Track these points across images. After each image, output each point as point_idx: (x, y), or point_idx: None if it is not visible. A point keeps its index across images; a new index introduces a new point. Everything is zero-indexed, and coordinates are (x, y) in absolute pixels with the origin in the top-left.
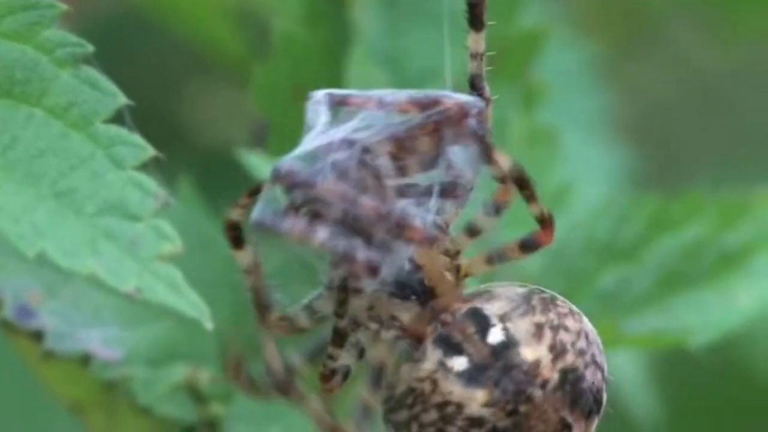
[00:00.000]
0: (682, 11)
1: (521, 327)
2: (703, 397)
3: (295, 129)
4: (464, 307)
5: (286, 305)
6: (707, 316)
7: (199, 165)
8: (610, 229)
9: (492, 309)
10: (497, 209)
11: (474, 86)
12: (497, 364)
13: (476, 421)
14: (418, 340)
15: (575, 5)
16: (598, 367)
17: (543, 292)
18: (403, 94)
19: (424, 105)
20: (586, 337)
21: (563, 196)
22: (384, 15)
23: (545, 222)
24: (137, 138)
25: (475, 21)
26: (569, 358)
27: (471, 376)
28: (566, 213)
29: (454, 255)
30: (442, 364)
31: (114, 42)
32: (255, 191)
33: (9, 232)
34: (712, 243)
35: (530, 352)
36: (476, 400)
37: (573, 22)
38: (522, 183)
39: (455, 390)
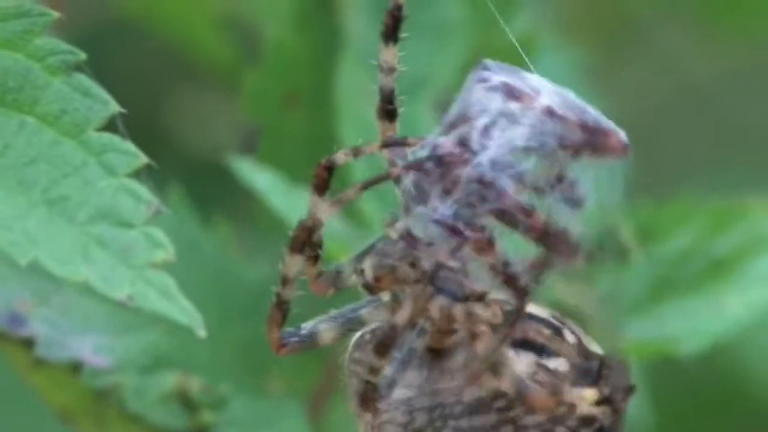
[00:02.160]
0: (670, 16)
1: (575, 329)
2: (693, 405)
3: (286, 135)
4: (497, 311)
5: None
6: (697, 323)
7: (189, 172)
8: (599, 237)
9: (536, 311)
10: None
11: (391, 101)
12: (593, 362)
13: (587, 421)
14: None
15: (562, 10)
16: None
17: None
18: (570, 113)
19: (590, 131)
20: None
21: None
22: (374, 21)
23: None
24: (129, 146)
25: (391, 34)
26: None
27: (575, 377)
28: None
29: None
30: (541, 366)
31: (102, 49)
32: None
33: (1, 239)
34: (702, 250)
35: (598, 349)
36: (586, 399)
37: (560, 26)
38: None
39: (564, 391)
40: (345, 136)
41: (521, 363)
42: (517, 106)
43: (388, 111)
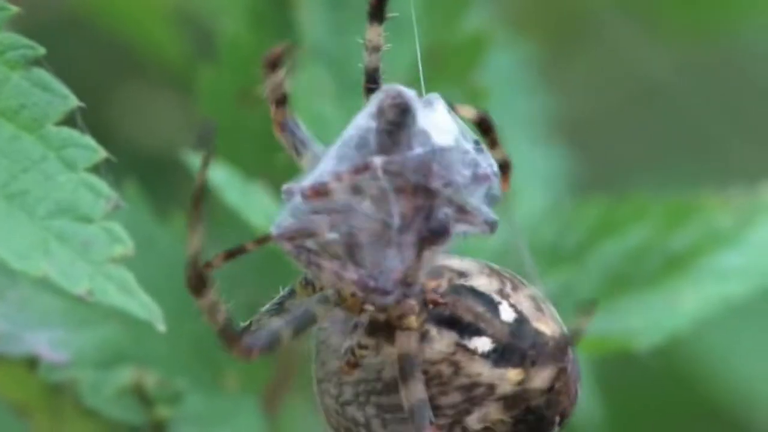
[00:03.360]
0: (621, 12)
1: (523, 302)
2: (647, 400)
3: (241, 131)
4: (443, 285)
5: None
6: (652, 318)
7: (140, 168)
8: (554, 233)
9: (481, 285)
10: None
11: (374, 80)
12: (524, 343)
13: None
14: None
15: (510, 5)
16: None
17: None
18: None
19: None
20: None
21: (506, 200)
22: (329, 17)
23: (505, 168)
24: (89, 140)
25: (376, 14)
26: (565, 328)
27: (499, 357)
28: (510, 217)
29: None
30: (461, 346)
31: (54, 45)
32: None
33: None
34: (657, 246)
35: (545, 327)
36: (509, 380)
37: (508, 22)
38: (487, 128)
39: (484, 372)
40: None
41: (441, 342)
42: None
43: (371, 90)
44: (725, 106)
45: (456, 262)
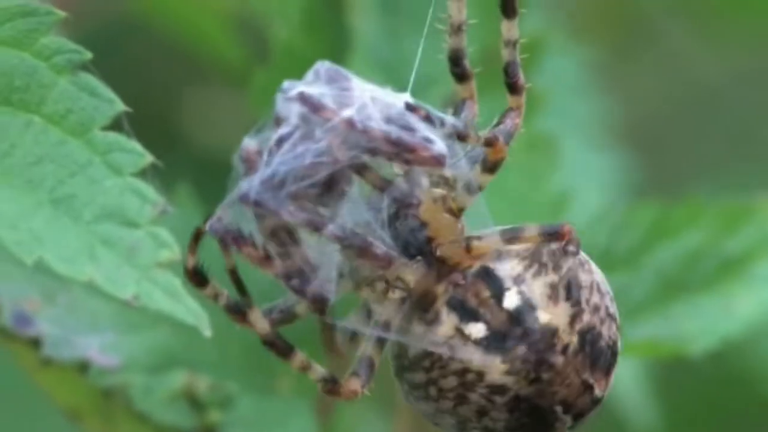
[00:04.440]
0: (681, 16)
1: (536, 289)
2: (703, 404)
3: None
4: (475, 265)
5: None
6: (707, 322)
7: (197, 171)
8: (609, 236)
9: (504, 270)
10: (493, 167)
11: (508, 74)
12: (516, 331)
13: (498, 389)
14: (429, 301)
15: (572, 10)
16: (612, 319)
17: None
18: (377, 130)
19: (395, 144)
20: (599, 289)
21: (562, 203)
22: (383, 22)
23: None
24: (135, 145)
25: (508, 8)
26: (585, 318)
27: (490, 344)
28: (565, 220)
29: (456, 212)
30: (458, 330)
31: (111, 48)
32: (197, 237)
33: (7, 239)
34: (712, 249)
35: (547, 317)
36: (497, 368)
37: (571, 26)
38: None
39: (475, 358)
40: None
41: (443, 325)
42: (314, 119)
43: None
44: None
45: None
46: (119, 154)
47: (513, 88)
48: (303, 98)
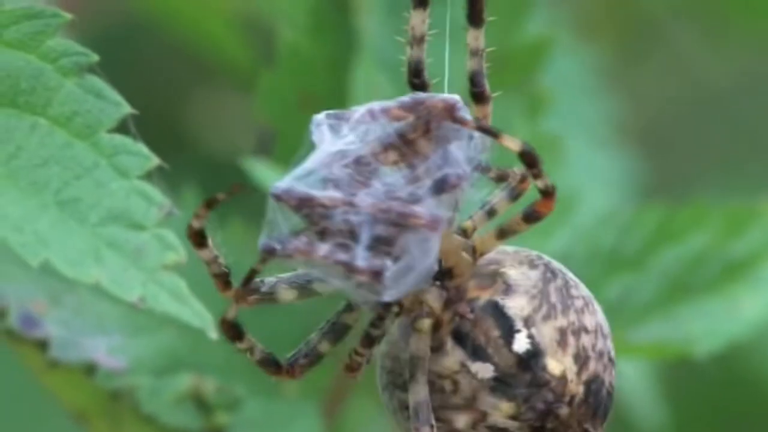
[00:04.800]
0: (686, 18)
1: (546, 334)
2: (709, 406)
3: (301, 137)
4: (482, 297)
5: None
6: (712, 324)
7: (204, 173)
8: (615, 238)
9: (513, 307)
10: (516, 196)
11: (474, 84)
12: (524, 378)
13: (499, 430)
14: (435, 327)
15: (578, 11)
16: (612, 362)
17: (552, 271)
18: (391, 102)
19: (411, 107)
20: (602, 332)
21: (568, 204)
22: (389, 23)
23: (549, 194)
24: (141, 147)
25: (475, 17)
26: (591, 366)
27: (497, 387)
28: (571, 221)
29: (469, 234)
30: (464, 367)
31: (117, 50)
32: (211, 203)
33: (12, 241)
34: (718, 251)
35: (557, 366)
36: (502, 411)
37: (575, 27)
38: (532, 162)
39: (480, 397)
40: None
41: (450, 359)
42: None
43: (473, 94)
44: None
45: (514, 272)
46: (125, 156)
47: (479, 97)
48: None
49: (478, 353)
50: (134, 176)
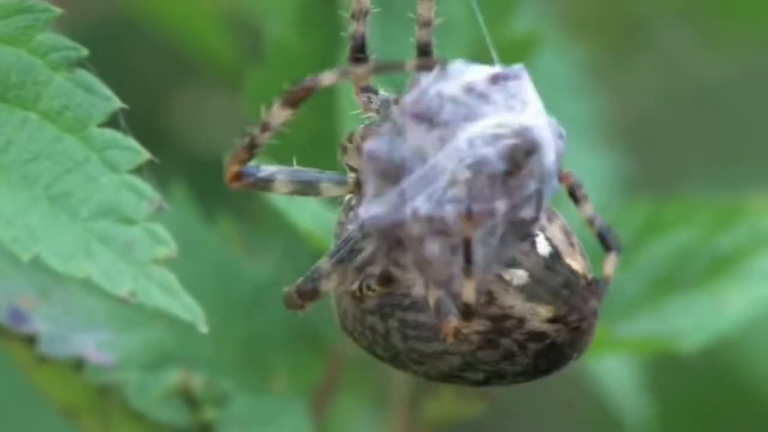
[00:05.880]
0: (674, 16)
1: (557, 235)
2: (695, 402)
3: (289, 133)
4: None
5: None
6: (699, 320)
7: (191, 170)
8: None
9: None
10: None
11: (426, 54)
12: (557, 279)
13: (537, 336)
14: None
15: (565, 8)
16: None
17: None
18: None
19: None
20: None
21: (555, 201)
22: (376, 20)
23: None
24: (131, 141)
25: None
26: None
27: (533, 291)
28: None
29: None
30: (498, 276)
31: (105, 47)
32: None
33: (3, 235)
34: (704, 247)
35: (576, 264)
36: (539, 315)
37: (563, 24)
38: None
39: (517, 305)
40: None
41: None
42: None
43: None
44: None
45: None
46: (116, 151)
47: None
48: None
49: (510, 261)
50: (124, 171)
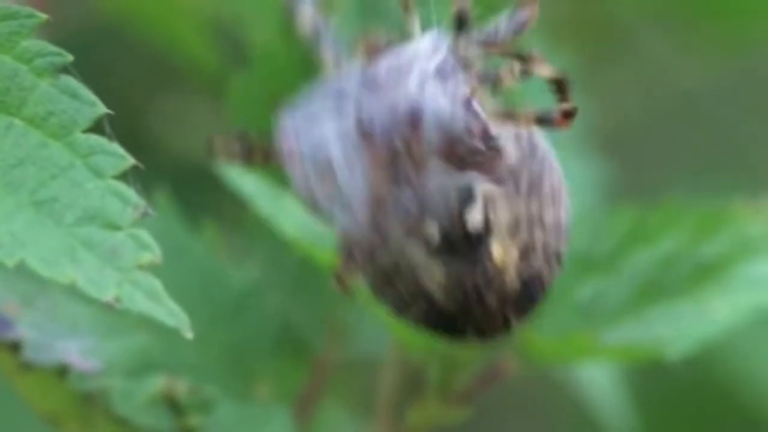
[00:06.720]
0: (656, 20)
1: (501, 216)
2: (680, 409)
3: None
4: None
5: None
6: (683, 327)
7: (175, 176)
8: (586, 241)
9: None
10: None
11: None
12: (465, 251)
13: (423, 294)
14: None
15: (546, 15)
16: (560, 260)
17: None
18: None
19: None
20: (558, 230)
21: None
22: (361, 24)
23: (571, 115)
24: (116, 147)
25: None
26: (536, 265)
27: (435, 249)
28: None
29: None
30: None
31: (88, 53)
32: None
33: None
34: (689, 254)
35: (501, 253)
36: (431, 276)
37: (544, 31)
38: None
39: (416, 255)
40: None
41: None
42: None
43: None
44: (757, 116)
45: None
46: (101, 156)
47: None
48: None
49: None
50: (109, 176)
